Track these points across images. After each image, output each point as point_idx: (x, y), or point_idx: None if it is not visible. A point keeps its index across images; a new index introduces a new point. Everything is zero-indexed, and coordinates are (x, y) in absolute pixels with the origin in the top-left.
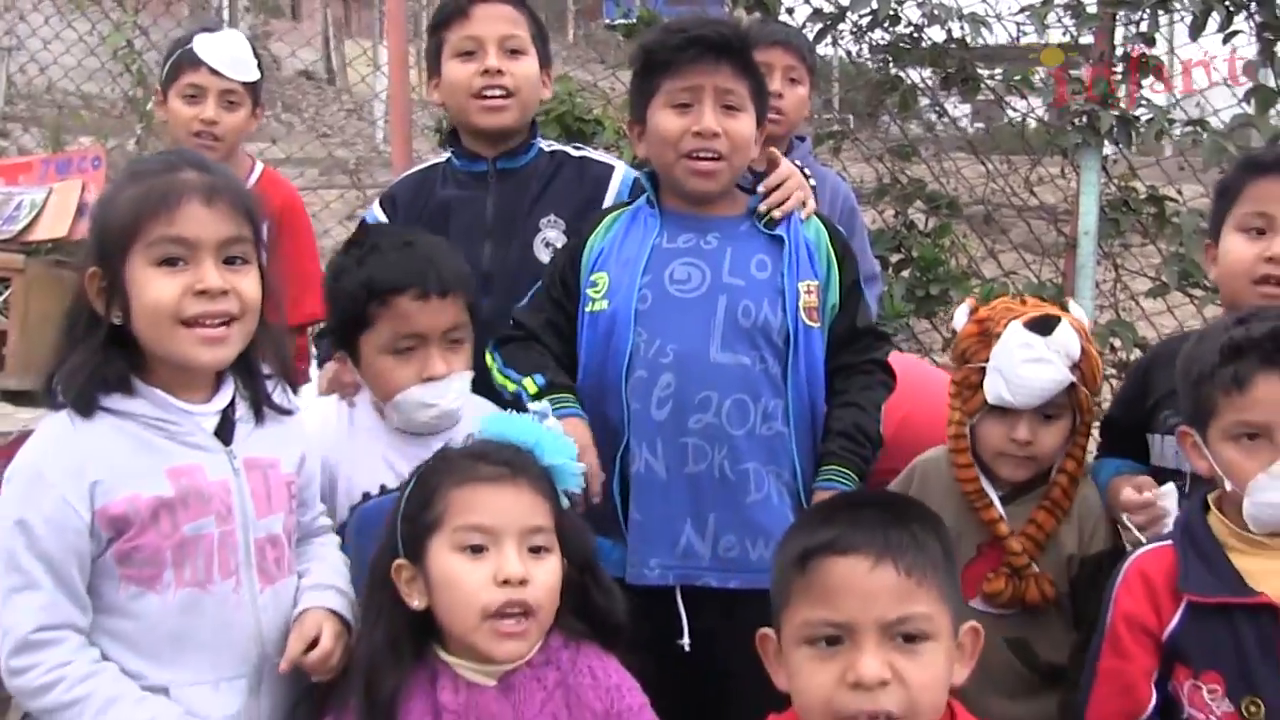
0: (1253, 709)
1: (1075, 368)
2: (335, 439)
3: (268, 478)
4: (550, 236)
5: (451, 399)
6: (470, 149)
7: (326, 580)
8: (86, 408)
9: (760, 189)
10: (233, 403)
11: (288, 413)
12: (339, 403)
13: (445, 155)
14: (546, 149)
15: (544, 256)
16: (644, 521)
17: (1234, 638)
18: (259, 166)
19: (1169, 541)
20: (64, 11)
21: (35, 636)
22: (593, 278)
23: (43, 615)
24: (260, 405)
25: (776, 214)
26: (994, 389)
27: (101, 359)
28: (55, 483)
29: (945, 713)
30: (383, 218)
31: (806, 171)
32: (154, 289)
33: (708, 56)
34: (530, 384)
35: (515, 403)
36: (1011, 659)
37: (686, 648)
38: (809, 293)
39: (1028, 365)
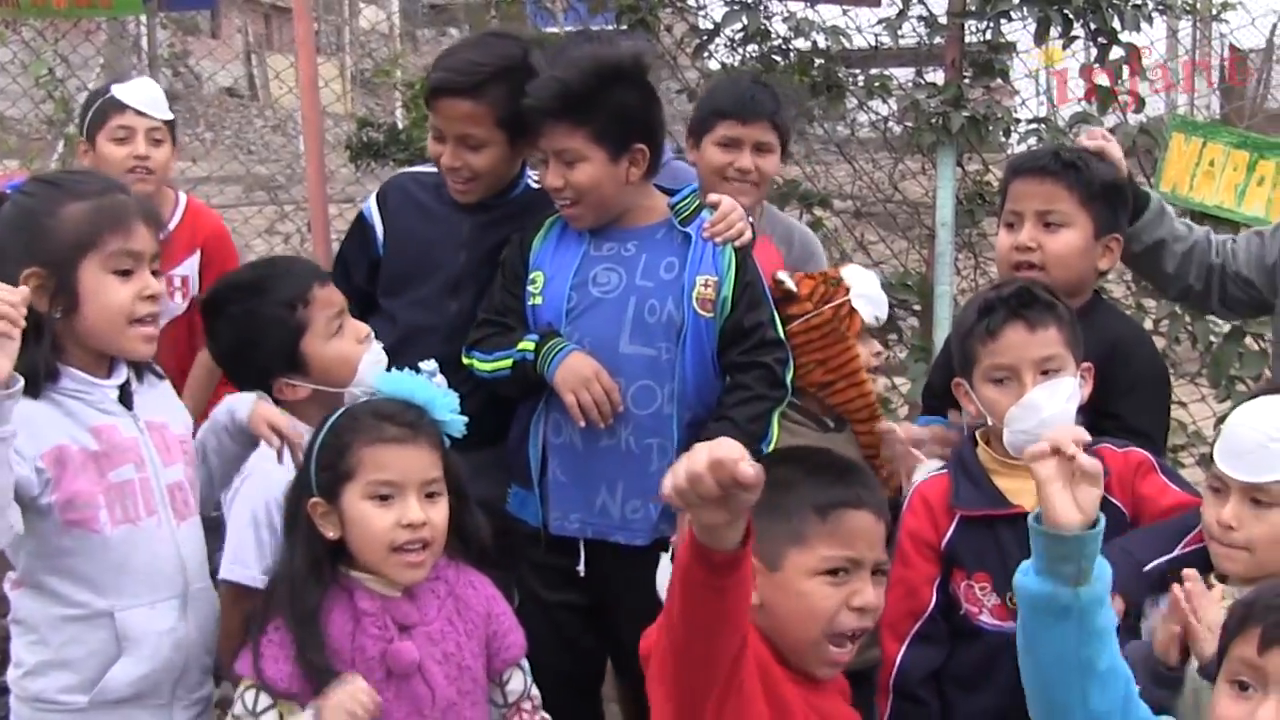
0: (1015, 601)
1: None
2: None
3: (164, 435)
4: None
5: None
6: None
7: None
8: (36, 393)
9: (706, 226)
10: (128, 379)
11: (161, 377)
12: None
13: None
14: (535, 185)
15: None
16: (567, 483)
17: (997, 543)
18: (184, 199)
19: (945, 471)
20: None
21: None
22: (532, 275)
23: None
24: (141, 372)
25: (718, 241)
26: (871, 312)
27: (48, 351)
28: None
29: None
30: (375, 210)
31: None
32: (112, 294)
33: (545, 121)
34: (526, 345)
35: None
36: None
37: (581, 572)
38: (706, 286)
39: (879, 288)
